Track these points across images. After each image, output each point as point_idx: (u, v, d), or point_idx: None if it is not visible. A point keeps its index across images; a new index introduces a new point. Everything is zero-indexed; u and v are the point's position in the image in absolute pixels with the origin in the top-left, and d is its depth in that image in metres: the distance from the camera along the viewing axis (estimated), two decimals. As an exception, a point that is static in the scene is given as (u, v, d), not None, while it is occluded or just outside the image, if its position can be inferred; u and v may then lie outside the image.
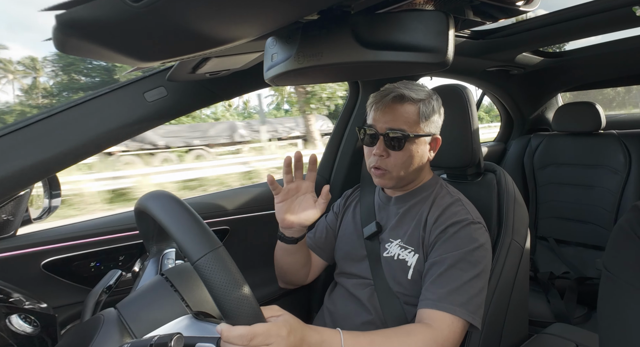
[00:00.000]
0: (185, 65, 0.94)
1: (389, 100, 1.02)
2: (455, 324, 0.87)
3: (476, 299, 0.90)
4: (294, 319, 0.69)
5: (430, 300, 0.90)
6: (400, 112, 1.01)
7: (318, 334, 0.73)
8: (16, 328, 0.74)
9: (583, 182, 2.03)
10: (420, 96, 1.02)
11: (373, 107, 1.05)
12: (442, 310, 0.88)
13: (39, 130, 0.90)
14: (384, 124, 1.01)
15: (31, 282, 1.09)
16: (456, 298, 0.88)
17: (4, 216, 1.01)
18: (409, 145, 1.01)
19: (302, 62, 0.66)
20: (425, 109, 1.02)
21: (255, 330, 0.60)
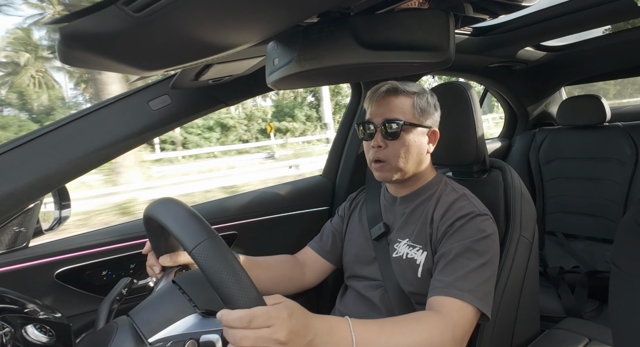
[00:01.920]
0: (188, 72, 0.94)
1: (383, 92, 1.04)
2: (464, 310, 0.86)
3: (484, 286, 0.90)
4: (297, 305, 0.67)
5: (437, 288, 0.90)
6: (395, 104, 1.03)
7: (324, 321, 0.71)
8: (32, 338, 0.74)
9: (590, 176, 2.02)
10: (414, 89, 1.05)
11: (369, 102, 1.07)
12: (450, 296, 0.87)
13: (47, 143, 0.91)
14: (380, 116, 1.03)
15: (45, 292, 1.11)
16: (463, 284, 0.88)
17: (16, 228, 1.02)
18: (405, 134, 1.02)
19: (304, 66, 0.67)
20: (420, 101, 1.04)
21: (254, 312, 0.58)
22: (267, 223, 1.51)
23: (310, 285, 1.24)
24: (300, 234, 1.56)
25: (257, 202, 1.51)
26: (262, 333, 0.58)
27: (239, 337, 0.57)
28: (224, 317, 0.58)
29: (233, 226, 1.43)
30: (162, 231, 0.85)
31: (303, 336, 0.64)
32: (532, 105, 2.48)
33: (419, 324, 0.81)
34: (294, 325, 0.62)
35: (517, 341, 1.08)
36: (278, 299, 0.65)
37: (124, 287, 0.85)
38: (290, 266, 1.20)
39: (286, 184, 1.67)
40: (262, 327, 0.58)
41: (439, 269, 0.94)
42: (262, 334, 0.58)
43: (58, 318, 0.85)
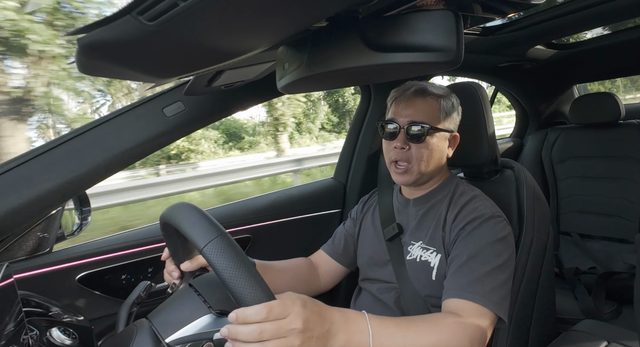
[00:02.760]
0: (201, 79, 0.96)
1: (410, 93, 1.03)
2: (481, 315, 0.85)
3: (499, 290, 0.89)
4: (308, 297, 0.67)
5: (452, 290, 0.89)
6: (422, 106, 1.02)
7: (340, 312, 0.71)
8: (56, 341, 0.78)
9: (605, 175, 1.99)
10: (440, 92, 1.04)
11: (394, 101, 1.06)
12: (466, 299, 0.86)
13: (67, 151, 0.94)
14: (406, 117, 1.02)
15: (68, 295, 1.14)
16: (478, 288, 0.87)
17: (39, 233, 1.05)
18: (429, 139, 1.01)
19: (314, 69, 0.67)
20: (446, 104, 1.03)
21: (271, 304, 0.59)
22: (280, 226, 1.52)
23: (325, 288, 1.24)
24: (313, 236, 1.57)
25: (269, 205, 1.53)
26: (281, 324, 0.59)
27: (259, 332, 0.58)
28: (240, 315, 0.59)
29: (247, 230, 1.44)
30: (179, 237, 0.87)
31: (320, 324, 0.64)
32: (544, 104, 2.45)
33: (436, 325, 0.80)
34: (309, 314, 0.63)
35: (533, 344, 1.07)
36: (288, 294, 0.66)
37: (142, 290, 0.88)
38: (305, 269, 1.21)
39: (298, 187, 1.68)
40: (280, 319, 0.59)
41: (452, 272, 0.93)
42: (282, 324, 0.59)
43: (81, 321, 0.88)
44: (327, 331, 0.65)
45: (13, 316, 0.69)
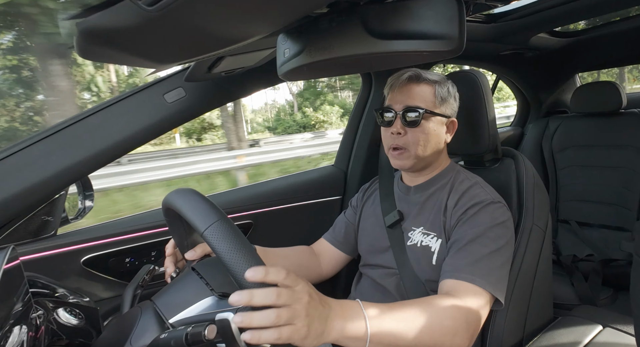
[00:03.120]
0: (201, 65, 0.96)
1: (405, 79, 1.04)
2: (477, 295, 0.86)
3: (497, 272, 0.90)
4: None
5: (449, 272, 0.91)
6: (416, 91, 1.03)
7: (336, 301, 0.71)
8: (63, 321, 0.80)
9: (605, 164, 1.99)
10: (435, 78, 1.04)
11: (390, 89, 1.07)
12: (463, 279, 0.87)
13: (70, 136, 0.95)
14: (401, 103, 1.03)
15: (73, 277, 1.16)
16: (476, 270, 0.88)
17: (43, 217, 1.07)
18: (425, 122, 1.02)
19: (314, 56, 0.67)
20: (441, 90, 1.04)
21: (287, 269, 0.61)
22: (281, 212, 1.54)
23: (328, 275, 1.26)
24: (314, 223, 1.58)
25: (270, 192, 1.54)
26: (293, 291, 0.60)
27: (277, 294, 0.58)
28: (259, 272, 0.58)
29: (248, 216, 1.46)
30: (182, 223, 0.88)
31: (320, 306, 0.65)
32: (545, 92, 2.44)
33: (431, 306, 0.81)
34: (312, 292, 0.65)
35: (530, 328, 1.09)
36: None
37: (146, 273, 0.89)
38: (306, 256, 1.22)
39: (299, 174, 1.69)
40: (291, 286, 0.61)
41: (451, 254, 0.95)
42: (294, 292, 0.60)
43: (86, 302, 0.90)
44: (326, 316, 0.66)
45: (20, 296, 0.70)
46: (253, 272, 0.58)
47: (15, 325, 0.62)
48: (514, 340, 1.05)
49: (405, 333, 0.74)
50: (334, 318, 0.67)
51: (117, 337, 0.71)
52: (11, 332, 0.59)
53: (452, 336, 0.79)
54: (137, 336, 0.68)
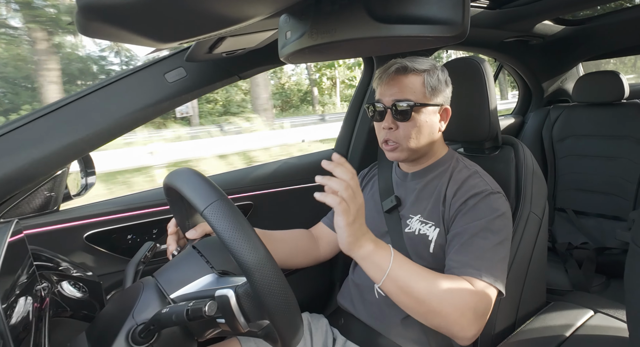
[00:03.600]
0: (202, 45, 0.95)
1: (392, 72, 1.02)
2: (485, 289, 0.88)
3: (500, 265, 0.92)
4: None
5: (454, 268, 0.92)
6: (404, 83, 1.01)
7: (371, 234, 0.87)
8: (67, 293, 0.82)
9: (604, 154, 2.00)
10: (423, 67, 1.02)
11: (378, 82, 1.06)
12: (470, 275, 0.89)
13: (70, 113, 0.95)
14: (390, 97, 1.02)
15: (76, 252, 1.18)
16: (481, 264, 0.90)
17: (46, 192, 1.09)
18: (416, 115, 1.01)
19: (316, 39, 0.67)
20: (430, 79, 1.02)
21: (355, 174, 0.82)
22: (281, 195, 1.55)
23: (325, 258, 1.28)
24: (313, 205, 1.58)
25: (270, 174, 1.55)
26: (352, 195, 0.81)
27: (351, 175, 0.82)
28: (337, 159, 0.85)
29: (248, 197, 1.47)
30: (183, 203, 0.89)
31: (362, 221, 0.84)
32: (548, 81, 2.43)
33: (450, 280, 0.87)
34: (362, 211, 0.84)
35: (523, 312, 1.11)
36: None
37: (148, 250, 0.91)
38: (305, 239, 1.24)
39: (299, 157, 1.69)
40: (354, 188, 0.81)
41: (454, 249, 0.95)
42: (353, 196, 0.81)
43: (90, 276, 0.92)
44: (364, 231, 0.84)
45: (25, 269, 0.72)
46: (336, 156, 0.83)
47: (20, 296, 0.64)
48: (506, 324, 1.08)
49: (419, 286, 0.84)
50: (368, 239, 0.84)
51: (120, 310, 0.73)
52: (17, 302, 0.61)
53: (459, 314, 0.83)
54: (140, 310, 0.70)
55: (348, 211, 0.79)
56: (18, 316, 0.58)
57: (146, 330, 0.66)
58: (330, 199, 0.79)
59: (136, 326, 0.68)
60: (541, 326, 1.04)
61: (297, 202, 1.59)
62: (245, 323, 0.63)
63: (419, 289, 0.83)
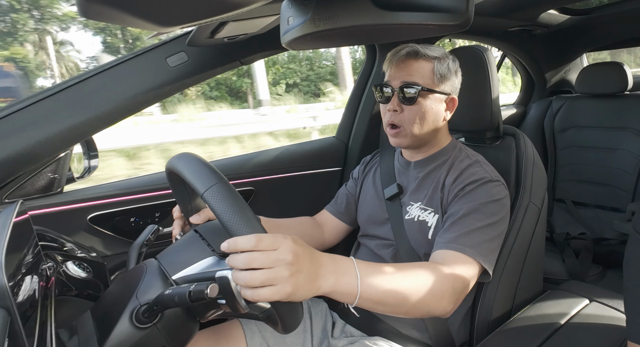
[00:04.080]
0: (204, 30, 0.95)
1: (403, 55, 1.02)
2: (466, 264, 0.89)
3: (488, 244, 0.92)
4: (299, 237, 0.69)
5: (441, 243, 0.93)
6: (414, 67, 1.01)
7: (329, 257, 0.72)
8: (72, 273, 0.84)
9: (605, 145, 2.00)
10: (435, 54, 1.02)
11: (388, 64, 1.06)
12: (452, 249, 0.90)
13: (72, 96, 0.96)
14: (398, 80, 1.02)
15: (80, 234, 1.20)
16: (466, 240, 0.91)
17: (50, 174, 1.10)
18: (422, 100, 1.01)
19: (318, 26, 0.66)
20: (440, 66, 1.01)
21: (262, 235, 0.61)
22: (282, 181, 1.56)
23: (330, 244, 1.30)
24: (313, 192, 1.61)
25: (272, 160, 1.56)
26: (270, 254, 0.61)
27: (248, 259, 0.60)
28: (232, 242, 0.61)
29: (250, 182, 1.48)
30: (186, 189, 0.91)
31: (309, 262, 0.66)
32: (551, 71, 2.41)
33: (419, 269, 0.84)
34: (299, 250, 0.65)
35: (519, 299, 1.12)
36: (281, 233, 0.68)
37: (151, 233, 0.92)
38: (309, 226, 1.26)
39: (300, 144, 1.70)
40: (269, 250, 0.61)
41: (445, 227, 0.97)
42: (271, 255, 0.61)
43: (94, 257, 0.94)
44: (316, 271, 0.67)
45: (30, 248, 0.73)
46: (225, 244, 0.62)
47: (27, 275, 0.65)
48: (503, 310, 1.09)
49: (394, 292, 0.77)
50: (325, 274, 0.69)
51: (124, 291, 0.74)
52: (23, 281, 0.62)
53: (438, 299, 0.82)
54: (143, 290, 0.72)
55: (277, 290, 0.61)
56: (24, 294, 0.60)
57: (149, 310, 0.68)
58: (249, 293, 0.60)
59: (140, 306, 0.69)
60: (537, 313, 1.05)
61: (298, 189, 1.60)
62: (246, 304, 0.64)
63: (395, 295, 0.77)
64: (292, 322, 0.68)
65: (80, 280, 0.86)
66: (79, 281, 0.86)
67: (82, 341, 0.70)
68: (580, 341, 0.94)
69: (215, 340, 1.04)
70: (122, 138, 6.17)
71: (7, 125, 0.90)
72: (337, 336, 1.13)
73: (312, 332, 1.13)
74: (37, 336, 0.58)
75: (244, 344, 1.05)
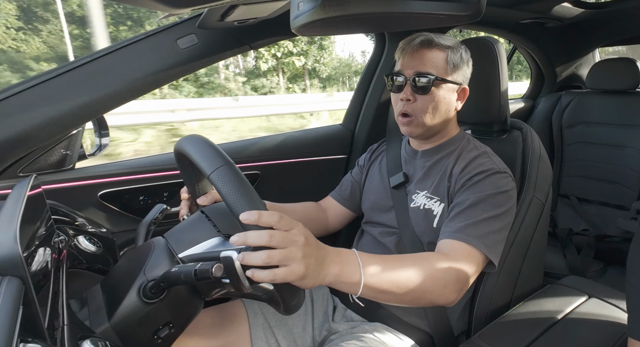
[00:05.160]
0: (214, 12, 0.95)
1: (416, 44, 1.02)
2: (471, 255, 0.89)
3: (494, 236, 0.92)
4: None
5: (446, 232, 0.93)
6: (428, 57, 1.01)
7: (332, 248, 0.73)
8: (83, 247, 0.86)
9: (613, 142, 1.98)
10: (448, 43, 1.01)
11: (401, 53, 1.05)
12: (458, 239, 0.90)
13: (84, 74, 0.97)
14: (412, 69, 1.02)
15: (90, 209, 1.22)
16: (472, 231, 0.90)
17: (62, 150, 1.12)
18: (435, 90, 1.01)
19: (328, 12, 0.66)
20: (454, 56, 1.01)
21: (281, 214, 0.63)
22: (288, 166, 1.57)
23: (333, 229, 1.32)
24: (318, 179, 1.62)
25: (278, 145, 1.57)
26: (287, 234, 0.62)
27: (269, 236, 0.60)
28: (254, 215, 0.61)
29: (256, 166, 1.49)
30: (193, 171, 0.92)
31: (317, 249, 0.67)
32: (562, 65, 2.38)
33: (423, 260, 0.84)
34: (309, 235, 0.66)
35: (519, 292, 1.13)
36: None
37: (159, 212, 0.95)
38: (314, 210, 1.28)
39: (307, 131, 1.71)
40: (287, 229, 0.63)
41: (451, 217, 0.97)
42: (287, 235, 0.62)
43: (104, 233, 0.96)
44: (322, 258, 0.68)
45: (44, 221, 0.75)
46: (247, 214, 0.61)
47: (40, 247, 0.67)
48: (502, 302, 1.10)
49: (398, 282, 0.77)
50: (330, 263, 0.69)
51: (132, 266, 0.77)
52: (37, 252, 0.64)
53: (441, 288, 0.83)
54: (150, 267, 0.74)
55: (291, 270, 0.62)
56: (38, 265, 0.62)
57: (156, 286, 0.70)
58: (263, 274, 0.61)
59: (147, 281, 0.72)
60: (535, 306, 1.06)
61: (304, 175, 1.61)
62: (249, 285, 0.66)
63: (398, 285, 0.78)
64: (294, 304, 0.69)
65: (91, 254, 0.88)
66: (90, 255, 0.88)
67: (92, 312, 0.73)
68: (577, 336, 0.94)
69: (219, 318, 1.07)
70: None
71: (22, 101, 0.92)
72: (338, 320, 1.15)
73: (313, 315, 1.15)
74: (49, 305, 0.60)
75: (246, 323, 1.08)
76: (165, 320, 0.74)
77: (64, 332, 0.60)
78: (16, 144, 0.93)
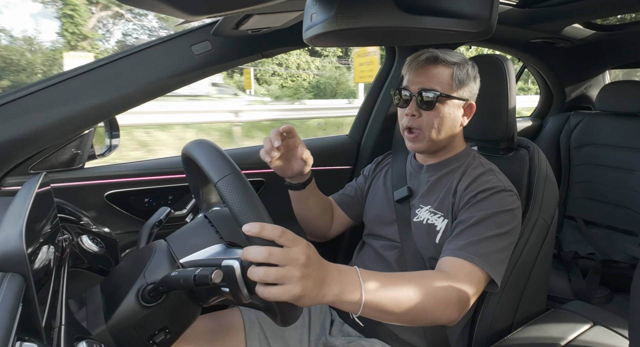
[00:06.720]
0: (229, 21, 0.96)
1: (422, 60, 1.03)
2: (473, 273, 0.88)
3: (497, 255, 0.91)
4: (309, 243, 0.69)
5: (449, 250, 0.92)
6: (433, 73, 1.01)
7: (334, 266, 0.72)
8: (86, 247, 0.87)
9: (622, 165, 1.96)
10: (454, 59, 1.02)
11: (407, 69, 1.06)
12: (461, 257, 0.89)
13: (100, 76, 0.99)
14: (417, 85, 1.02)
15: (96, 209, 1.23)
16: (476, 249, 0.90)
17: (73, 149, 1.14)
18: (440, 106, 1.01)
19: (340, 24, 0.67)
20: (459, 72, 1.02)
21: (285, 229, 0.62)
22: None
23: (332, 235, 1.30)
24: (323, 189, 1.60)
25: None
26: (287, 252, 0.61)
27: (268, 253, 0.59)
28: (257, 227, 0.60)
29: (260, 174, 1.50)
30: (199, 174, 0.92)
31: (318, 269, 0.66)
32: (571, 86, 2.38)
33: (425, 279, 0.83)
34: (311, 254, 0.65)
35: (521, 315, 1.11)
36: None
37: (162, 215, 0.95)
38: (330, 208, 1.28)
39: (313, 140, 1.71)
40: (288, 246, 0.62)
41: (454, 234, 0.96)
42: (288, 253, 0.61)
43: (107, 233, 0.97)
44: (323, 278, 0.67)
45: (50, 219, 0.76)
46: (250, 226, 0.60)
47: (44, 244, 0.67)
48: (503, 325, 1.08)
49: (399, 302, 0.76)
50: (331, 283, 0.68)
51: (133, 268, 0.77)
52: (40, 250, 0.65)
53: (443, 308, 0.82)
54: (151, 270, 0.74)
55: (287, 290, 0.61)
56: (40, 263, 0.62)
57: (155, 290, 0.70)
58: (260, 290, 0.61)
59: (146, 285, 0.72)
60: (537, 331, 1.03)
61: None
62: (248, 295, 0.66)
63: (399, 305, 0.76)
64: (291, 316, 0.69)
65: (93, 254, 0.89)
66: (92, 255, 0.88)
67: (90, 313, 0.73)
68: None
69: (215, 326, 1.06)
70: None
71: (39, 100, 0.93)
72: (335, 334, 1.13)
73: (310, 328, 1.14)
74: (48, 304, 0.60)
75: (242, 332, 1.07)
76: (162, 325, 0.73)
77: (60, 333, 0.59)
78: (30, 142, 0.95)
